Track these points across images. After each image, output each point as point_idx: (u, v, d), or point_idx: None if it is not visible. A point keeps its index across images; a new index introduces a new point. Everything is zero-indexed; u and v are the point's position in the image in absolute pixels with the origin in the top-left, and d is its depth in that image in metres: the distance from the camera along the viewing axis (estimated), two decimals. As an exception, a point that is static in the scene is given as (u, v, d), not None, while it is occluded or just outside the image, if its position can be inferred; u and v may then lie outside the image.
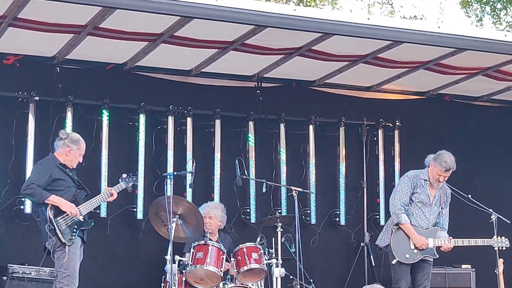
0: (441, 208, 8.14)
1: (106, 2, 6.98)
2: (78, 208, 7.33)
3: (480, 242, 8.19)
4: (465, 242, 8.15)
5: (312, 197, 9.91)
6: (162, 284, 8.15)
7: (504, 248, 8.23)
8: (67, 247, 7.17)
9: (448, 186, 8.26)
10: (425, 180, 8.09)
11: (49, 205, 7.19)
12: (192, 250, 8.07)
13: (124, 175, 7.87)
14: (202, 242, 8.12)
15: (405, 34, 7.95)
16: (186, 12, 7.23)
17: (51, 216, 7.16)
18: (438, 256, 8.08)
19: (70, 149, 7.53)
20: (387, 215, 9.20)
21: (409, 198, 8.03)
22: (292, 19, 7.45)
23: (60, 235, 7.15)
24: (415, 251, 7.95)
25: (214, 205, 8.96)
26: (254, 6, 7.48)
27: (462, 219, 9.24)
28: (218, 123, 9.60)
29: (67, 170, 7.51)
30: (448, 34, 8.05)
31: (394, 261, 7.94)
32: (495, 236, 8.22)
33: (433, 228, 8.07)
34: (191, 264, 7.99)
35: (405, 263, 7.95)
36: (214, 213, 8.79)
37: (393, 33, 7.94)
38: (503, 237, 8.24)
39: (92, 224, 7.51)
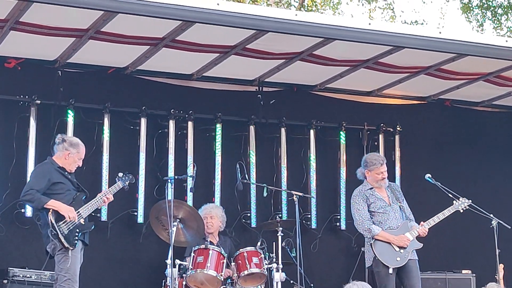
0: (399, 202, 8.16)
1: (108, 6, 6.99)
2: (78, 211, 7.33)
3: (446, 212, 8.14)
4: (435, 219, 8.10)
5: (313, 201, 9.91)
6: (163, 288, 8.17)
7: (466, 207, 8.20)
8: (69, 251, 7.17)
9: (442, 187, 8.26)
10: (370, 188, 8.16)
11: (50, 210, 7.19)
12: (192, 254, 8.08)
13: (120, 174, 7.86)
14: (203, 246, 8.13)
15: (406, 39, 7.96)
16: (188, 16, 7.24)
17: (53, 221, 7.16)
18: (422, 244, 8.05)
19: (69, 153, 7.53)
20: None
21: (367, 211, 8.06)
22: (294, 24, 7.46)
23: (62, 240, 7.14)
24: (402, 251, 7.93)
25: (214, 205, 9.00)
26: (256, 11, 7.50)
27: (462, 222, 9.25)
28: (219, 127, 9.60)
29: (66, 173, 7.50)
30: (449, 39, 8.05)
31: (390, 270, 7.89)
32: (454, 201, 8.22)
33: (403, 223, 8.05)
34: (191, 268, 8.00)
35: (399, 266, 7.93)
36: (215, 212, 8.80)
37: (394, 38, 7.94)
38: (460, 198, 8.22)
39: (93, 227, 7.52)
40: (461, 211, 8.24)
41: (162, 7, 6.96)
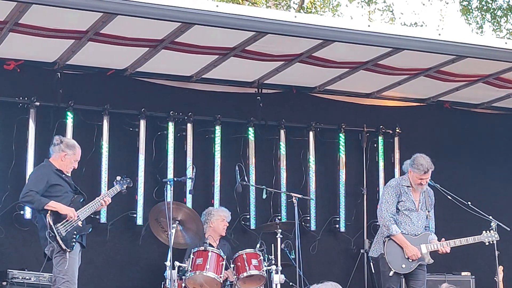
0: (428, 211, 8.12)
1: (107, 8, 6.99)
2: (77, 213, 7.33)
3: (471, 240, 8.12)
4: (457, 242, 8.08)
5: (312, 203, 9.91)
6: (162, 290, 8.17)
7: (494, 242, 8.12)
8: (67, 253, 7.16)
9: (442, 190, 8.24)
10: (407, 186, 8.08)
11: (49, 212, 7.18)
12: (191, 256, 8.07)
13: (118, 178, 7.86)
14: (202, 248, 8.12)
15: (406, 41, 7.96)
16: (187, 18, 7.24)
17: (51, 223, 7.15)
18: (433, 261, 8.04)
19: (65, 154, 7.52)
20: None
21: (395, 207, 8.01)
22: (293, 25, 7.46)
23: (60, 242, 7.14)
24: (410, 260, 7.92)
25: (228, 211, 9.01)
26: (255, 13, 7.50)
27: (461, 224, 9.24)
28: (218, 129, 9.60)
29: (63, 175, 7.50)
30: (448, 41, 8.05)
31: (391, 273, 7.86)
32: (484, 232, 8.15)
33: (423, 234, 8.02)
34: (190, 270, 7.99)
35: (402, 273, 7.93)
36: (229, 218, 8.88)
37: (394, 40, 7.94)
38: (491, 231, 8.15)
39: (90, 229, 7.51)
40: (487, 244, 8.14)
41: (161, 9, 6.96)
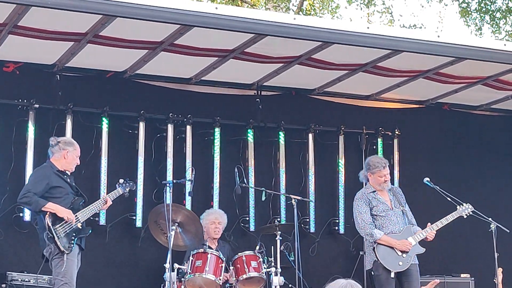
0: (402, 207, 8.14)
1: (106, 10, 6.98)
2: (76, 215, 7.33)
3: (450, 217, 8.12)
4: (439, 224, 8.06)
5: (311, 205, 9.91)
6: (161, 292, 8.16)
7: (470, 213, 8.17)
8: (65, 255, 7.16)
9: (440, 191, 8.25)
10: (373, 192, 8.13)
11: (48, 213, 7.18)
12: (191, 258, 8.07)
13: (121, 180, 7.87)
14: (201, 250, 8.12)
15: (405, 43, 7.96)
16: (186, 20, 7.23)
17: (50, 224, 7.15)
18: (424, 249, 8.04)
19: (67, 151, 7.51)
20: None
21: (370, 215, 8.03)
22: (292, 27, 7.46)
23: (58, 243, 7.13)
24: (404, 255, 7.92)
25: (221, 211, 9.02)
26: (254, 15, 7.50)
27: (460, 226, 9.24)
28: (217, 131, 9.61)
29: (65, 176, 7.50)
30: (447, 43, 8.05)
31: (392, 275, 7.87)
32: (458, 206, 8.18)
33: (406, 228, 8.04)
34: (190, 272, 7.99)
35: (401, 271, 7.93)
36: (223, 218, 8.90)
37: (393, 42, 7.94)
38: (464, 204, 8.18)
39: (90, 231, 7.50)
40: (465, 216, 8.22)
41: (160, 11, 6.95)
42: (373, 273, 8.02)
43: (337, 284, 3.71)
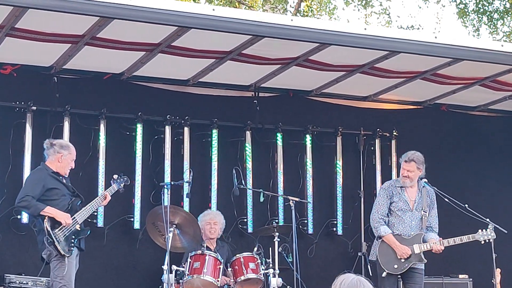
0: (423, 211, 8.03)
1: (103, 12, 6.98)
2: (74, 217, 7.32)
3: (465, 238, 8.03)
4: (451, 241, 7.99)
5: (309, 206, 9.91)
6: (159, 294, 8.16)
7: (491, 240, 8.03)
8: (66, 258, 7.14)
9: (439, 192, 8.20)
10: (401, 187, 8.06)
11: (46, 217, 7.17)
12: (189, 259, 8.07)
13: (115, 176, 7.86)
14: (199, 252, 8.12)
15: (402, 44, 7.96)
16: (184, 22, 7.23)
17: (49, 228, 7.14)
18: (426, 260, 7.99)
19: (61, 155, 7.51)
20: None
21: (387, 208, 7.99)
22: (290, 29, 7.46)
23: (59, 248, 7.12)
24: (402, 260, 7.89)
25: (216, 211, 9.03)
26: (252, 16, 7.50)
27: (458, 227, 9.23)
28: (215, 132, 9.60)
29: (60, 178, 7.49)
30: (445, 44, 8.06)
31: (384, 274, 7.87)
32: (479, 230, 8.07)
33: (417, 234, 7.97)
34: (188, 274, 7.98)
35: (394, 273, 7.91)
36: (218, 219, 8.86)
37: (390, 43, 7.95)
38: (487, 230, 8.06)
39: (89, 232, 7.50)
40: (482, 242, 8.05)
41: (157, 13, 6.95)
42: (376, 265, 8.04)
43: (348, 278, 3.69)
